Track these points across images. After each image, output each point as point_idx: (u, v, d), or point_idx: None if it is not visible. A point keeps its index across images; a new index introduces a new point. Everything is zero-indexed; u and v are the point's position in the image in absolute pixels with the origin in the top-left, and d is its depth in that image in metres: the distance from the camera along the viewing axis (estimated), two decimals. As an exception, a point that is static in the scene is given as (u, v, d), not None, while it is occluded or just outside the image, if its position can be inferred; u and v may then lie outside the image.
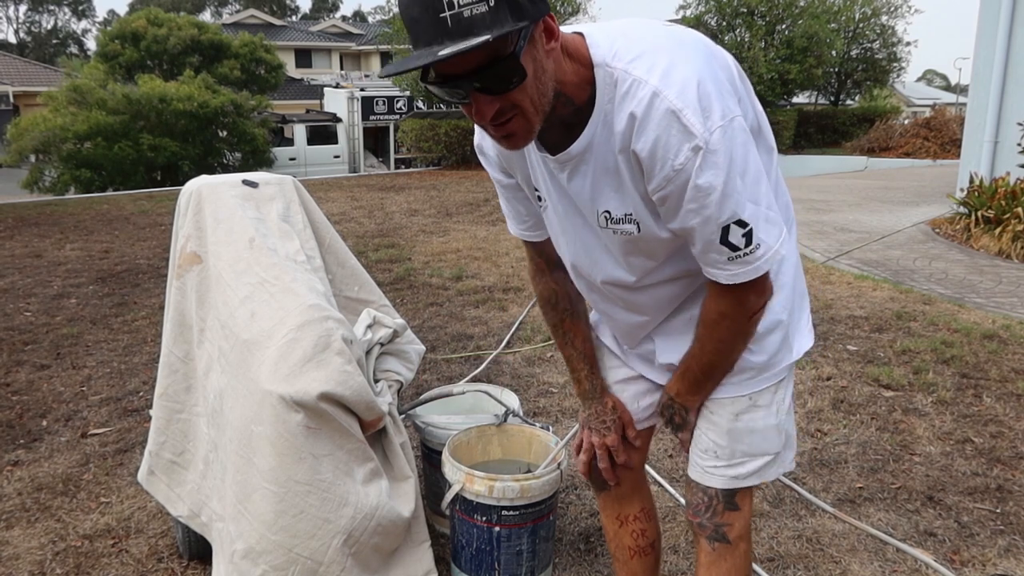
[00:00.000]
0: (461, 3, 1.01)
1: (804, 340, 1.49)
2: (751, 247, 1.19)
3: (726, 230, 1.18)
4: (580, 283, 1.54)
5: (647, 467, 2.93)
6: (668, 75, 1.12)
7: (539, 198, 1.43)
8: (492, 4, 1.02)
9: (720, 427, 1.46)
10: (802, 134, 24.26)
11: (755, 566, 2.32)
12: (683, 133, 1.12)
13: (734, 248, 1.19)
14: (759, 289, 1.27)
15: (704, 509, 1.50)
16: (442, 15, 1.02)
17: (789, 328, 1.44)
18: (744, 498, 1.50)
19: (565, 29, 1.21)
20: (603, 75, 1.17)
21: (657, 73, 1.13)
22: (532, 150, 1.34)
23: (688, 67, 1.13)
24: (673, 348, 1.49)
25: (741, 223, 1.17)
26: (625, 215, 1.29)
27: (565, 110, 1.20)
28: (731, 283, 1.24)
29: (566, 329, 1.62)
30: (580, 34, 1.20)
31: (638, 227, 1.29)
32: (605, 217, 1.31)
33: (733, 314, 1.30)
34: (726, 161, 1.13)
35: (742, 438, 1.46)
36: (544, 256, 1.58)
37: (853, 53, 25.06)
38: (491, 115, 1.12)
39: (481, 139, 1.45)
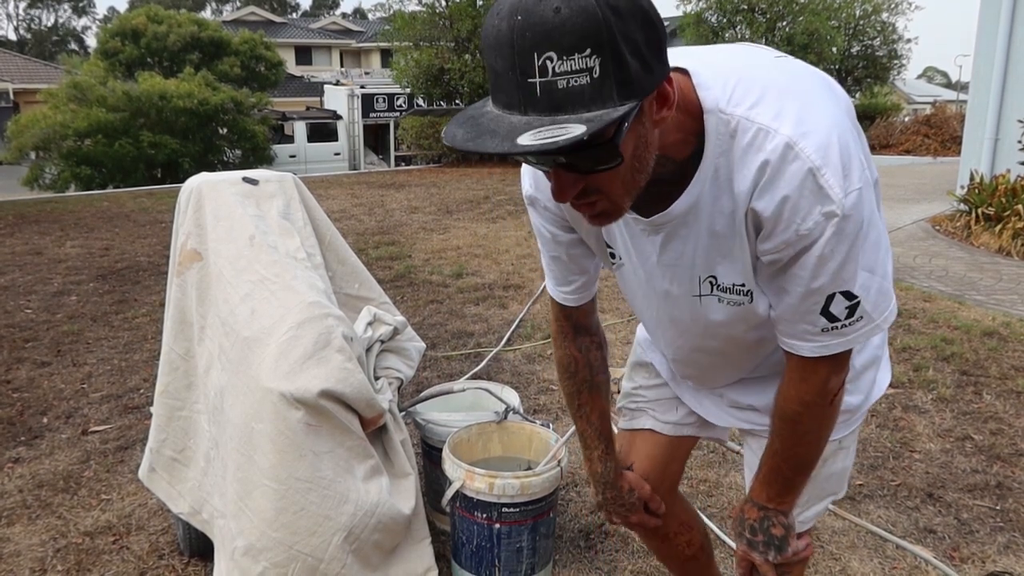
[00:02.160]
0: (556, 70, 0.80)
1: (886, 373, 1.38)
2: (851, 319, 1.06)
3: (830, 299, 1.04)
4: (658, 342, 1.42)
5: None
6: (801, 124, 0.96)
7: (612, 255, 1.26)
8: (596, 75, 0.81)
9: None
10: (803, 131, 24.16)
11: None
12: (818, 196, 0.96)
13: (832, 319, 1.06)
14: (840, 365, 1.13)
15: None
16: (531, 80, 0.81)
17: (881, 362, 1.34)
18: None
19: None
20: (716, 123, 0.99)
21: (788, 121, 0.96)
22: None
23: (822, 115, 0.98)
24: (761, 394, 1.36)
25: (849, 295, 1.04)
26: (734, 285, 1.13)
27: (662, 169, 1.01)
28: (814, 356, 1.10)
29: (582, 402, 1.45)
30: (684, 72, 1.02)
31: (751, 297, 1.14)
32: (710, 283, 1.15)
33: (814, 401, 1.15)
34: (855, 229, 0.98)
35: (821, 482, 1.34)
36: (572, 321, 1.41)
37: (854, 50, 25.02)
38: (572, 196, 0.94)
39: (534, 188, 1.24)
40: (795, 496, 1.25)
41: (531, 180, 1.24)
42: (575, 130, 0.80)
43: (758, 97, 0.98)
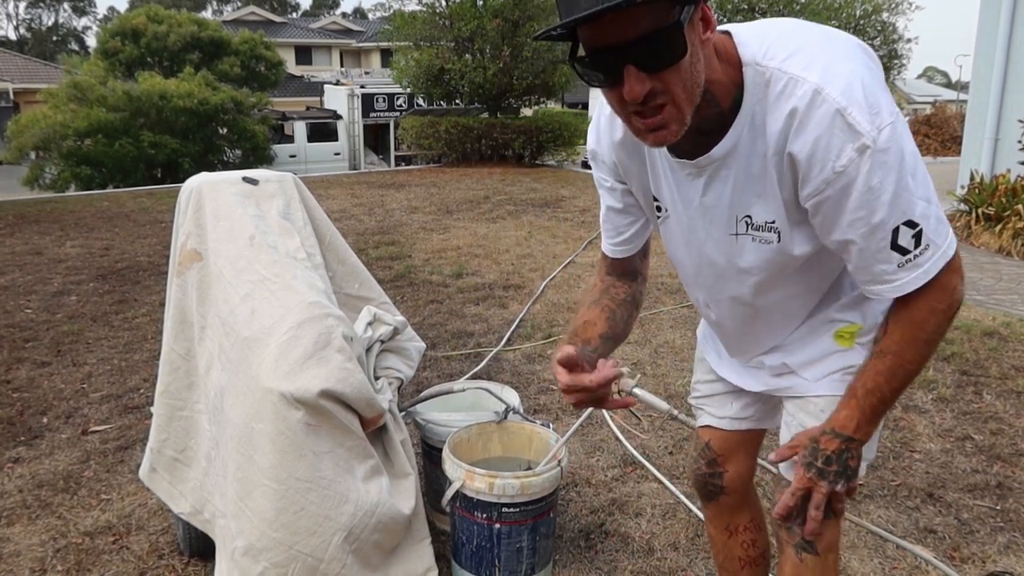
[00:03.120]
0: None
1: None
2: (920, 248, 1.10)
3: (896, 232, 1.09)
4: (698, 295, 1.47)
5: (649, 466, 2.93)
6: (828, 71, 1.06)
7: (658, 208, 1.36)
8: None
9: None
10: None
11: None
12: (847, 132, 1.04)
13: (903, 251, 1.10)
14: (943, 285, 1.14)
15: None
16: None
17: None
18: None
19: None
20: (753, 74, 1.11)
21: (816, 70, 1.06)
22: (660, 157, 1.28)
23: (849, 64, 1.07)
24: (797, 353, 1.41)
25: (911, 223, 1.09)
26: (767, 223, 1.22)
27: (709, 111, 1.13)
28: (900, 294, 1.15)
29: (580, 309, 1.48)
30: (727, 33, 1.14)
31: (779, 237, 1.22)
32: (746, 222, 1.24)
33: (941, 309, 1.16)
34: (897, 160, 1.05)
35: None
36: (616, 273, 1.50)
37: (854, 50, 25.00)
38: (643, 95, 1.03)
39: (596, 143, 1.38)
40: (877, 424, 1.26)
41: (595, 136, 1.38)
42: None
43: (791, 52, 1.09)
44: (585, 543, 2.47)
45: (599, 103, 1.33)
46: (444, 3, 14.51)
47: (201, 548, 2.32)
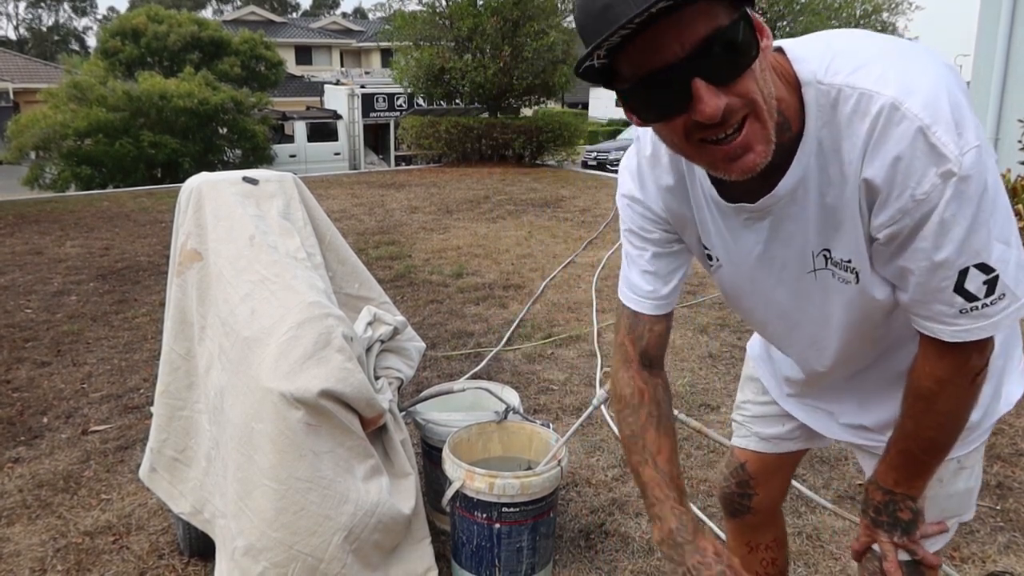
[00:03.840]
0: None
1: (1015, 386, 1.24)
2: (992, 297, 0.95)
3: (964, 275, 0.94)
4: (769, 339, 1.35)
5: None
6: (905, 83, 0.90)
7: (709, 257, 1.20)
8: None
9: None
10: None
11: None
12: (931, 155, 0.89)
13: (970, 298, 0.96)
14: (982, 346, 1.02)
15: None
16: None
17: (1003, 373, 1.22)
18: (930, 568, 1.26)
19: None
20: (816, 94, 0.95)
21: (892, 83, 0.90)
22: (705, 201, 1.12)
23: (929, 75, 0.91)
24: (874, 410, 1.28)
25: (985, 267, 0.93)
26: (843, 260, 1.05)
27: (781, 137, 0.95)
28: (955, 341, 1.00)
29: (647, 443, 1.22)
30: (779, 50, 0.99)
31: (857, 277, 1.06)
32: (824, 256, 1.07)
33: (953, 379, 1.05)
34: (978, 191, 0.90)
35: (940, 503, 1.25)
36: (639, 347, 1.26)
37: (854, 50, 25.04)
38: (720, 112, 0.86)
39: (639, 190, 1.19)
40: (925, 480, 1.15)
41: (635, 182, 1.20)
42: None
43: (859, 64, 0.93)
44: (585, 543, 2.47)
45: (636, 144, 1.19)
46: (444, 3, 14.52)
47: (201, 548, 2.32)
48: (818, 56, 0.96)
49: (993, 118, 8.23)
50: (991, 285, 0.95)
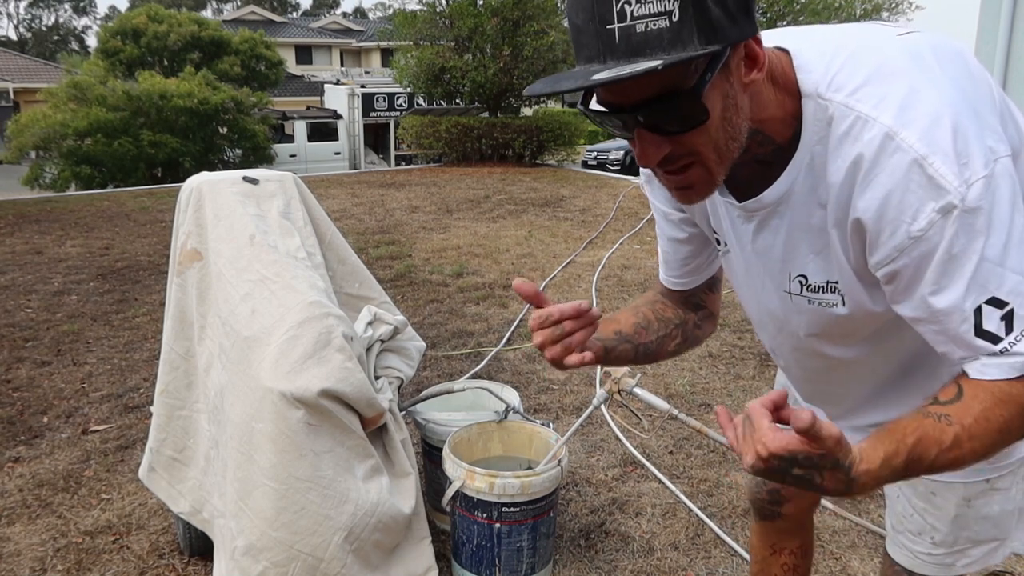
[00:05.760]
0: (635, 14, 0.79)
1: None
2: (1014, 335, 0.86)
3: (978, 314, 0.86)
4: (763, 339, 1.29)
5: (649, 465, 2.93)
6: (905, 110, 0.85)
7: (718, 241, 1.19)
8: (675, 19, 0.79)
9: (945, 512, 1.17)
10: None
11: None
12: (928, 188, 0.83)
13: (993, 339, 0.86)
14: None
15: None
16: (609, 27, 0.80)
17: None
18: None
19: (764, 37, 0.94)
20: (814, 109, 0.91)
21: (891, 108, 0.85)
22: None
23: (934, 96, 0.85)
24: (872, 413, 1.21)
25: (997, 302, 0.85)
26: (828, 283, 1.01)
27: (761, 149, 0.95)
28: (988, 379, 0.89)
29: (659, 307, 1.28)
30: (785, 51, 0.94)
31: (843, 300, 1.01)
32: (799, 283, 1.05)
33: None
34: (986, 223, 0.83)
35: (970, 525, 1.18)
36: (672, 299, 1.29)
37: (854, 50, 25.04)
38: (657, 160, 0.88)
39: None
40: (892, 480, 0.89)
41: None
42: (651, 63, 0.78)
43: (862, 81, 0.88)
44: (585, 543, 2.47)
45: None
46: (445, 2, 14.53)
47: (201, 548, 2.32)
48: (823, 65, 0.92)
49: (993, 118, 8.23)
50: (1008, 320, 0.86)
